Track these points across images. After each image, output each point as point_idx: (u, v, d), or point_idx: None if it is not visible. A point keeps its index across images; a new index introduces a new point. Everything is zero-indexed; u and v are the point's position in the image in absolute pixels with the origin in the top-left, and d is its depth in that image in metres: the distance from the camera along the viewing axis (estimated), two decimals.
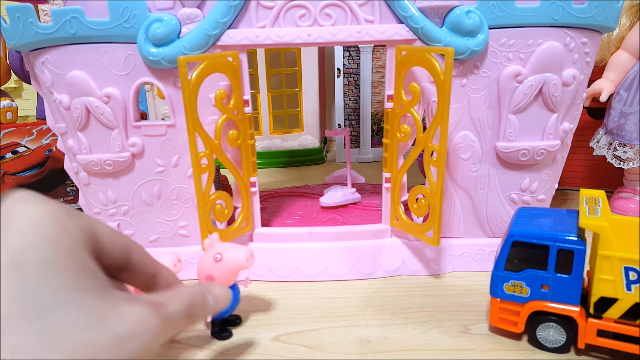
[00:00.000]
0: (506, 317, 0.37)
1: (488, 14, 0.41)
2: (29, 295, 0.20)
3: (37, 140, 0.66)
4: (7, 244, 0.21)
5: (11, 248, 0.21)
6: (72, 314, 0.20)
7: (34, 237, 0.21)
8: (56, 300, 0.20)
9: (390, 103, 0.45)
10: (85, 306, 0.21)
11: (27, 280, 0.20)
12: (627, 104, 0.58)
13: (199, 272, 0.38)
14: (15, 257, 0.20)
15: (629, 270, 0.33)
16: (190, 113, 0.39)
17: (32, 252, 0.21)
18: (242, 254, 0.37)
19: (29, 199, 0.23)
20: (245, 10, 0.42)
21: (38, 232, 0.21)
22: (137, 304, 0.23)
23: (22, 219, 0.22)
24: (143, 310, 0.23)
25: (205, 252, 0.38)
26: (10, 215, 0.22)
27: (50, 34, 0.41)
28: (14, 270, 0.20)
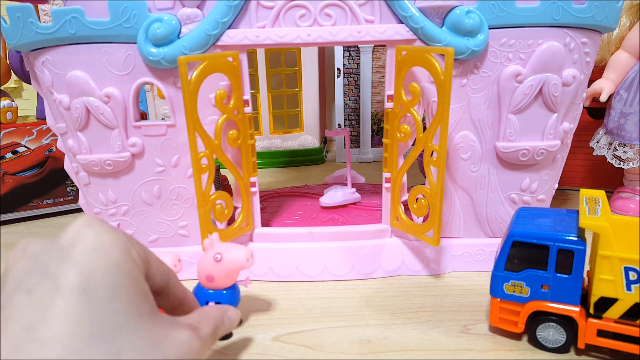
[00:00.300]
0: (506, 317, 0.37)
1: (488, 14, 0.41)
2: (97, 318, 0.21)
3: (37, 140, 0.66)
4: (79, 267, 0.22)
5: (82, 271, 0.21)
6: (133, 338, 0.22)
7: (103, 262, 0.22)
8: (121, 324, 0.21)
9: (390, 103, 0.45)
10: (144, 330, 0.22)
11: (96, 303, 0.21)
12: (627, 104, 0.58)
13: (199, 271, 0.38)
14: (86, 280, 0.21)
15: (629, 270, 0.33)
16: (190, 113, 0.39)
17: (102, 276, 0.22)
18: (242, 254, 0.37)
19: (98, 225, 0.24)
20: (245, 10, 0.42)
21: (107, 258, 0.22)
22: (181, 329, 0.25)
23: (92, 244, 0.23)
24: (188, 335, 0.25)
25: (206, 252, 0.38)
26: (81, 239, 0.23)
27: (50, 34, 0.41)
28: (85, 293, 0.21)
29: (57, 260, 0.22)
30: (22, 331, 0.20)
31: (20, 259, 0.23)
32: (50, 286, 0.21)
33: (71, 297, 0.21)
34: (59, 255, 0.22)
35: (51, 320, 0.20)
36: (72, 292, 0.21)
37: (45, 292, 0.21)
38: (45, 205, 0.68)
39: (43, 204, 0.68)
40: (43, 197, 0.68)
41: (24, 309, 0.20)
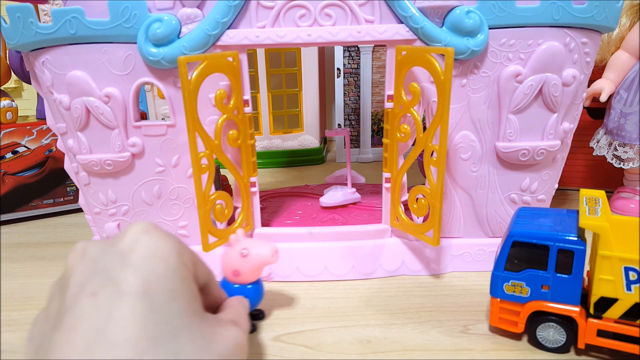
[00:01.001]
0: (506, 317, 0.37)
1: (488, 14, 0.41)
2: (158, 319, 0.22)
3: (37, 140, 0.66)
4: (139, 272, 0.23)
5: (142, 276, 0.23)
6: (190, 337, 0.23)
7: (160, 267, 0.23)
8: (179, 325, 0.22)
9: (390, 103, 0.45)
10: (198, 330, 0.24)
11: (156, 306, 0.22)
12: (627, 104, 0.58)
13: (224, 266, 0.39)
14: (146, 284, 0.22)
15: (629, 270, 0.33)
16: (190, 113, 0.39)
17: (160, 280, 0.23)
18: (268, 250, 0.38)
19: (154, 231, 0.25)
20: (245, 10, 0.42)
21: (163, 263, 0.24)
22: (227, 326, 0.26)
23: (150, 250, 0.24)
24: (234, 331, 0.26)
25: (231, 248, 0.39)
26: (139, 244, 0.24)
27: (50, 34, 0.41)
28: (146, 296, 0.22)
29: (118, 265, 0.23)
30: (91, 333, 0.21)
31: (80, 262, 0.24)
32: (114, 290, 0.22)
33: (134, 301, 0.22)
34: (119, 260, 0.23)
35: (118, 322, 0.21)
36: (134, 296, 0.22)
37: (109, 296, 0.22)
38: (45, 205, 0.68)
39: (43, 204, 0.68)
40: (43, 197, 0.68)
41: (90, 311, 0.21)
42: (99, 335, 0.21)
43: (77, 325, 0.21)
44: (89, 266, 0.24)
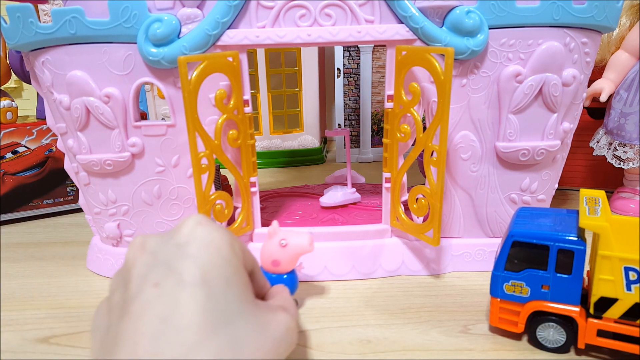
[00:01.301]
0: (506, 317, 0.37)
1: (488, 14, 0.41)
2: (216, 307, 0.23)
3: (37, 140, 0.66)
4: (197, 262, 0.24)
5: (200, 266, 0.24)
6: (246, 323, 0.24)
7: (215, 257, 0.25)
8: (235, 311, 0.24)
9: (390, 103, 0.45)
10: (252, 315, 0.25)
11: (214, 294, 0.24)
12: (627, 104, 0.58)
13: (263, 257, 0.40)
14: (204, 273, 0.24)
15: (629, 270, 0.33)
16: (190, 113, 0.39)
17: (215, 269, 0.25)
18: (306, 239, 0.40)
19: (207, 223, 0.27)
20: (245, 10, 0.42)
21: (218, 253, 0.25)
22: (278, 311, 0.28)
23: (205, 241, 0.25)
24: (284, 316, 0.27)
25: (270, 239, 0.40)
26: (194, 236, 0.26)
27: (50, 34, 0.41)
28: (204, 285, 0.24)
29: (177, 256, 0.25)
30: (158, 320, 0.22)
31: (140, 254, 0.26)
32: (175, 280, 0.24)
33: (194, 289, 0.23)
34: (177, 251, 0.25)
35: (182, 309, 0.23)
36: (194, 285, 0.23)
37: (172, 285, 0.23)
38: (45, 205, 0.68)
39: (43, 204, 0.68)
40: (43, 197, 0.68)
41: (155, 300, 0.23)
42: (165, 321, 0.22)
43: (144, 313, 0.23)
44: (150, 258, 0.25)
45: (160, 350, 0.21)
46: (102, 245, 0.51)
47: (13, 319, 0.43)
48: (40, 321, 0.42)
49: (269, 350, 0.25)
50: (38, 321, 0.42)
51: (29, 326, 0.42)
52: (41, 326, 0.42)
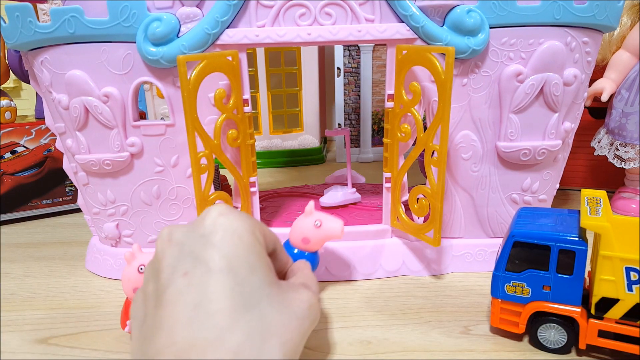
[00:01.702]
0: (507, 317, 0.37)
1: (489, 13, 0.41)
2: (243, 291, 0.25)
3: (35, 140, 0.66)
4: (221, 251, 0.26)
5: (225, 254, 0.26)
6: (271, 304, 0.26)
7: (238, 245, 0.27)
8: (260, 295, 0.26)
9: (391, 102, 0.44)
10: (276, 296, 0.27)
11: (240, 279, 0.25)
12: (629, 104, 0.58)
13: (294, 233, 0.42)
14: (229, 261, 0.26)
15: (630, 271, 0.32)
16: (190, 113, 0.39)
17: (239, 256, 0.26)
18: (339, 225, 0.41)
19: (229, 213, 0.28)
20: (245, 9, 0.42)
21: (240, 241, 0.27)
22: (300, 289, 0.29)
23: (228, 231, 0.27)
24: (307, 294, 0.29)
25: (306, 217, 0.42)
26: (217, 226, 0.27)
27: (49, 34, 0.41)
28: (230, 272, 0.25)
29: (202, 247, 0.26)
30: (190, 307, 0.24)
31: (168, 246, 0.28)
32: (203, 269, 0.25)
33: (221, 277, 0.25)
34: (202, 242, 0.27)
35: (212, 296, 0.24)
36: (221, 272, 0.25)
37: (200, 274, 0.25)
38: (44, 205, 0.68)
39: (42, 204, 0.68)
40: (42, 197, 0.68)
41: (187, 288, 0.25)
42: (196, 308, 0.24)
43: (177, 301, 0.25)
44: (177, 249, 0.27)
45: (195, 334, 0.23)
46: (101, 246, 0.51)
47: (12, 319, 0.43)
48: (39, 321, 0.42)
49: (294, 328, 0.26)
50: (37, 322, 0.42)
51: (28, 327, 0.42)
52: (40, 327, 0.41)
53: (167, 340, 0.24)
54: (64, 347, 0.39)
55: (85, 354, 0.38)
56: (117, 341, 0.39)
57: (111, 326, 0.41)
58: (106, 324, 0.42)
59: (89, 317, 0.43)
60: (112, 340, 0.39)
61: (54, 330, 0.41)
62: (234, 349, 0.23)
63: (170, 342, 0.23)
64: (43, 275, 0.51)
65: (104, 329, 0.41)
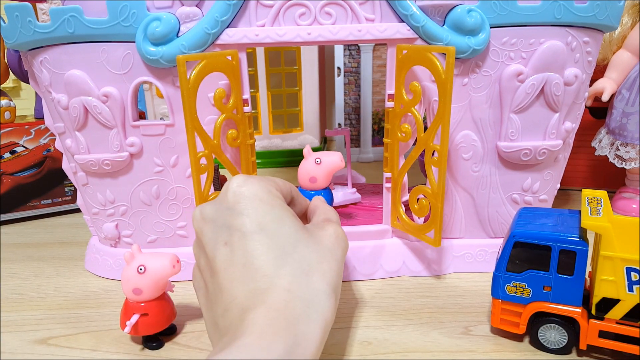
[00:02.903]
0: (508, 318, 0.37)
1: (489, 13, 0.41)
2: (278, 242, 0.29)
3: (35, 140, 0.66)
4: (249, 216, 0.30)
5: (253, 218, 0.30)
6: (306, 244, 0.30)
7: (261, 206, 0.30)
8: (294, 240, 0.30)
9: (391, 102, 0.44)
10: (307, 238, 0.31)
11: (272, 234, 0.29)
12: (630, 104, 0.58)
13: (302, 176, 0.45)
14: (257, 222, 0.30)
15: (630, 271, 0.32)
16: (189, 112, 0.38)
17: (267, 216, 0.30)
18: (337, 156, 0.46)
19: (247, 183, 0.31)
20: (245, 9, 0.41)
21: (262, 203, 0.31)
22: (325, 225, 0.34)
23: (249, 197, 0.31)
24: (331, 226, 0.33)
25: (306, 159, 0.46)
26: (241, 196, 0.31)
27: (48, 33, 0.41)
28: (262, 231, 0.29)
29: (232, 217, 0.30)
30: (240, 267, 0.28)
31: (203, 224, 0.31)
32: (239, 235, 0.29)
33: (256, 236, 0.29)
34: (231, 213, 0.30)
35: (254, 253, 0.29)
36: (254, 233, 0.29)
37: (237, 240, 0.29)
38: (43, 205, 0.68)
39: (41, 204, 0.68)
40: (41, 197, 0.68)
41: (231, 255, 0.29)
42: (245, 266, 0.28)
43: (227, 266, 0.29)
44: (211, 225, 0.31)
45: (250, 286, 0.28)
46: (100, 246, 0.51)
47: (11, 319, 0.43)
48: (38, 322, 0.42)
49: (331, 259, 0.31)
50: (36, 322, 0.42)
51: (27, 327, 0.41)
52: (39, 327, 0.41)
53: (229, 297, 0.28)
54: (63, 347, 0.39)
55: (85, 354, 0.38)
56: (116, 341, 0.39)
57: (111, 327, 0.41)
58: (106, 324, 0.41)
59: (88, 317, 0.43)
60: (111, 341, 0.39)
61: (53, 330, 0.41)
62: (287, 288, 0.27)
63: (232, 298, 0.28)
64: (42, 275, 0.51)
65: (103, 329, 0.41)
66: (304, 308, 0.27)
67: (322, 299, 0.28)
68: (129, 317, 0.36)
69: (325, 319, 0.28)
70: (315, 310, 0.28)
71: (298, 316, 0.27)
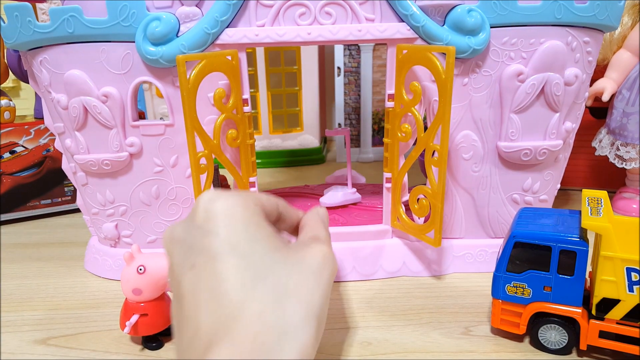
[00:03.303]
0: (508, 318, 0.37)
1: (490, 13, 0.41)
2: (249, 264, 0.26)
3: (34, 139, 0.66)
4: (220, 236, 0.27)
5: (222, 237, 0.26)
6: (284, 266, 0.27)
7: (232, 224, 0.27)
8: (269, 261, 0.26)
9: (391, 102, 0.44)
10: (287, 258, 0.27)
11: (244, 254, 0.26)
12: (630, 104, 0.58)
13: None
14: (227, 242, 0.26)
15: (631, 271, 0.32)
16: (189, 112, 0.38)
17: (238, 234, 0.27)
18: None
19: (217, 197, 0.28)
20: (245, 9, 0.41)
21: (235, 220, 0.27)
22: (311, 244, 0.30)
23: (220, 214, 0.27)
24: (318, 246, 0.29)
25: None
26: (211, 213, 0.28)
27: (48, 33, 0.41)
28: (232, 251, 0.26)
29: (201, 237, 0.27)
30: (206, 293, 0.25)
31: (173, 246, 0.28)
32: (206, 256, 0.26)
33: (225, 257, 0.26)
34: (200, 232, 0.27)
35: (221, 277, 0.25)
36: (224, 254, 0.26)
37: (204, 262, 0.26)
38: (42, 205, 0.68)
39: (41, 204, 0.68)
40: (41, 197, 0.67)
41: (196, 279, 0.26)
42: (211, 292, 0.25)
43: (192, 293, 0.26)
44: (180, 247, 0.28)
45: (215, 315, 0.24)
46: (100, 246, 0.51)
47: (11, 320, 0.43)
48: (38, 322, 0.42)
49: (313, 283, 0.27)
50: (36, 322, 0.42)
51: (26, 327, 0.41)
52: (39, 327, 0.41)
53: (193, 327, 0.25)
54: (62, 347, 0.39)
55: (84, 354, 0.38)
56: (116, 342, 0.39)
57: (110, 327, 0.41)
58: (105, 324, 0.41)
59: (87, 317, 0.43)
60: (111, 341, 0.39)
61: (53, 330, 0.41)
62: (257, 317, 0.24)
63: (196, 329, 0.25)
64: (42, 275, 0.51)
65: (103, 329, 0.41)
66: (277, 340, 0.24)
67: (298, 329, 0.25)
68: (128, 318, 0.36)
69: (302, 352, 0.24)
70: (290, 342, 0.24)
71: (269, 350, 0.23)
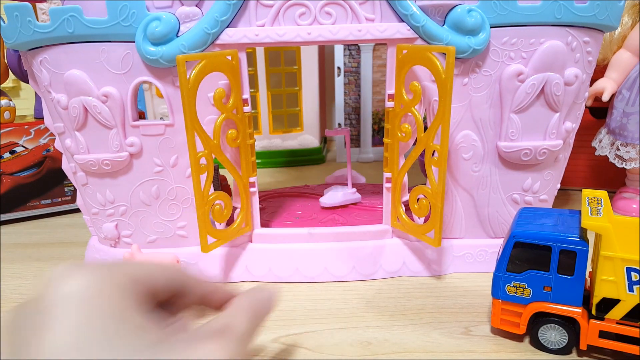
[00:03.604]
0: (508, 318, 0.37)
1: (490, 13, 0.41)
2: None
3: (34, 139, 0.66)
4: (57, 331, 0.19)
5: (65, 334, 0.19)
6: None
7: (83, 315, 0.20)
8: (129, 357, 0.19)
9: (391, 102, 0.44)
10: (157, 355, 0.20)
11: (90, 356, 0.19)
12: (630, 104, 0.58)
13: None
14: (67, 344, 0.19)
15: (631, 271, 0.32)
16: (189, 112, 0.38)
17: (87, 328, 0.20)
18: None
19: (71, 275, 0.21)
20: (245, 9, 0.41)
21: (84, 309, 0.20)
22: (206, 341, 0.22)
23: (69, 300, 0.20)
24: (214, 346, 0.22)
25: None
26: (56, 297, 0.20)
27: (48, 33, 0.41)
28: (72, 353, 0.19)
29: (37, 327, 0.20)
30: None
31: (5, 334, 0.21)
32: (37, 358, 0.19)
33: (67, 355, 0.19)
34: (39, 319, 0.20)
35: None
36: (60, 355, 0.19)
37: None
38: (42, 205, 0.68)
39: (41, 204, 0.68)
40: (41, 197, 0.67)
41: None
42: None
43: None
44: (9, 338, 0.20)
45: None
46: (100, 246, 0.51)
47: None
48: None
49: None
50: None
51: None
52: None
53: None
54: None
55: None
56: None
57: None
58: None
59: None
60: None
61: None
62: None
63: None
64: (42, 275, 0.51)
65: None
66: None
67: None
68: None
69: None
70: None
71: None
